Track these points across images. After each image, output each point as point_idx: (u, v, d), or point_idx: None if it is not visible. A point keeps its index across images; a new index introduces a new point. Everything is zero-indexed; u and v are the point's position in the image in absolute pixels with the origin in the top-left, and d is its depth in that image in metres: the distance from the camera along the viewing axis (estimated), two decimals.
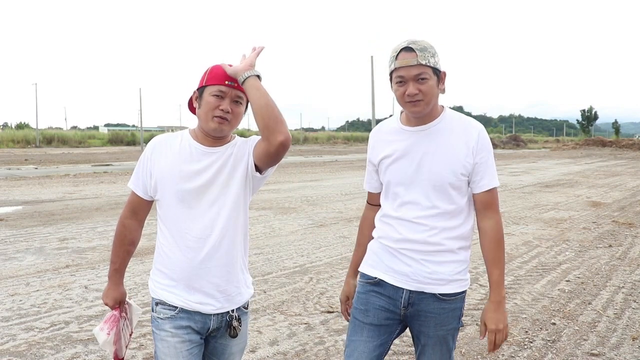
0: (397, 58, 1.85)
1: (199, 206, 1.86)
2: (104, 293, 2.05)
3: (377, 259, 1.99)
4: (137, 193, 1.92)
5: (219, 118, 1.82)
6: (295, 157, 31.87)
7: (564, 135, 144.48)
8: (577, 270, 5.72)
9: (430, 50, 1.83)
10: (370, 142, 2.08)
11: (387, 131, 2.02)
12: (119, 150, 42.70)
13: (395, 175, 1.95)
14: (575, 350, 3.63)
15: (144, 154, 1.93)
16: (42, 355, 3.49)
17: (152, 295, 1.93)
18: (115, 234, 1.99)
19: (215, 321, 1.90)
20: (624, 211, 10.02)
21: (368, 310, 1.98)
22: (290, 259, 6.21)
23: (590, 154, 37.76)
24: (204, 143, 1.89)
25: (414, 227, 1.91)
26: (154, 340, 1.90)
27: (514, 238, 7.43)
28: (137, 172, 1.93)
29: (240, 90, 1.84)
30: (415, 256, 1.90)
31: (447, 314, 1.94)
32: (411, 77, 1.83)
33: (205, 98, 1.84)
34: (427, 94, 1.83)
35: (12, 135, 53.21)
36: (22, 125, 79.81)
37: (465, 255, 1.97)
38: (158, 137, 1.95)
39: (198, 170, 1.86)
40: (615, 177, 17.76)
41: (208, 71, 1.87)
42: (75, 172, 18.86)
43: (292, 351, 3.60)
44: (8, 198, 11.60)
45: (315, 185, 14.90)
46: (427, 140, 1.91)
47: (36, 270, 5.64)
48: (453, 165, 1.87)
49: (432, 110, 1.90)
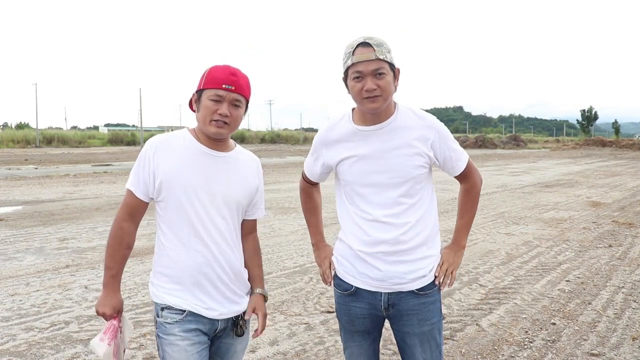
0: (353, 53, 1.83)
1: (208, 209, 1.84)
2: (99, 302, 1.90)
3: (350, 266, 1.99)
4: (137, 195, 1.86)
5: (217, 122, 1.81)
6: (295, 157, 31.87)
7: (564, 135, 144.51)
8: (577, 270, 5.72)
9: (386, 46, 1.83)
10: (321, 142, 2.03)
11: (342, 132, 1.98)
12: (119, 150, 42.71)
13: (358, 176, 1.94)
14: (575, 350, 3.63)
15: (144, 154, 1.87)
16: (42, 355, 3.49)
17: (156, 300, 1.88)
18: (110, 237, 1.89)
19: (222, 322, 1.90)
20: (624, 211, 10.02)
21: (352, 320, 2.04)
22: (290, 259, 6.21)
23: (590, 154, 37.76)
24: (208, 145, 1.88)
25: (383, 226, 1.91)
26: (161, 345, 1.86)
27: (514, 238, 7.43)
28: (137, 173, 1.86)
29: (239, 93, 1.82)
30: (388, 258, 1.92)
31: (428, 307, 1.96)
32: (369, 72, 1.81)
33: (204, 102, 1.82)
34: (385, 89, 1.83)
35: (12, 135, 53.21)
36: (22, 125, 79.85)
37: (437, 246, 2.02)
38: (158, 137, 1.90)
39: (206, 173, 1.85)
40: (615, 177, 17.77)
41: (206, 73, 1.84)
42: (75, 172, 18.86)
43: (292, 351, 3.60)
44: (8, 198, 11.59)
45: None
46: (384, 138, 1.91)
47: (36, 270, 5.64)
48: (414, 160, 1.89)
49: (388, 107, 1.90)
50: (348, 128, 1.97)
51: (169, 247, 1.86)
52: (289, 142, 70.46)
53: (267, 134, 72.89)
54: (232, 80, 1.81)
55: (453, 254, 2.05)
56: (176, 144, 1.87)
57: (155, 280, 1.91)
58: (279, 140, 69.96)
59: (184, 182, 1.82)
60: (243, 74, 1.87)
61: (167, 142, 1.88)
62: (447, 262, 2.01)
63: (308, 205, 2.29)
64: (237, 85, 1.81)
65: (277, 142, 68.45)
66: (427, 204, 1.97)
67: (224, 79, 1.80)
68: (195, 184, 1.83)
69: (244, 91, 1.85)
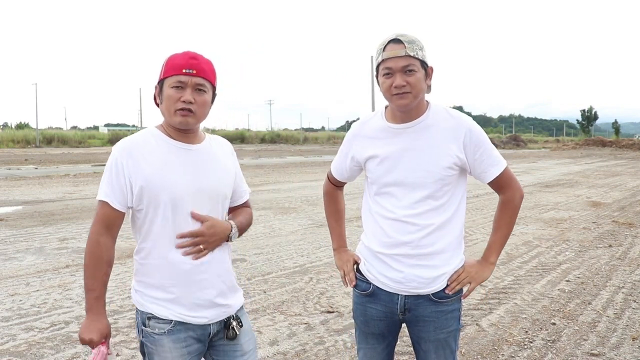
0: (384, 50, 1.81)
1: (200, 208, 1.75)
2: (84, 328, 1.70)
3: (370, 266, 1.97)
4: (113, 205, 1.69)
5: (181, 111, 1.68)
6: (295, 157, 31.87)
7: (564, 135, 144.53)
8: (577, 270, 5.72)
9: (418, 44, 1.80)
10: (353, 136, 2.02)
11: (373, 128, 1.96)
12: None
13: (384, 174, 1.90)
14: (575, 350, 3.63)
15: (114, 161, 1.71)
16: (42, 355, 3.49)
17: (141, 308, 1.77)
18: (88, 256, 1.71)
19: (215, 325, 1.82)
20: (624, 211, 10.02)
21: (368, 322, 2.00)
22: (290, 259, 6.21)
23: (590, 154, 37.75)
24: (181, 139, 1.77)
25: (404, 226, 1.87)
26: (148, 355, 1.76)
27: (514, 238, 7.42)
28: (110, 182, 1.70)
29: (202, 77, 1.70)
30: (408, 261, 1.87)
31: (445, 316, 1.92)
32: (399, 69, 1.79)
33: (166, 91, 1.70)
34: (415, 86, 1.79)
35: (12, 135, 53.25)
36: (22, 125, 79.84)
37: (459, 253, 1.95)
38: (125, 141, 1.75)
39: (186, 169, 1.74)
40: (615, 177, 17.76)
41: (165, 62, 1.73)
42: (75, 172, 18.86)
43: (292, 351, 3.59)
44: (8, 198, 11.59)
45: (316, 185, 14.88)
46: (414, 137, 1.87)
47: (36, 270, 5.64)
48: (442, 161, 1.84)
49: (419, 105, 1.86)
50: (379, 124, 1.94)
51: (152, 254, 1.75)
52: (289, 142, 70.47)
53: (267, 134, 72.92)
54: (193, 63, 1.69)
55: (478, 267, 1.95)
56: (148, 145, 1.73)
57: (138, 288, 1.79)
58: (279, 140, 69.97)
59: (167, 182, 1.70)
60: (205, 59, 1.75)
61: (137, 144, 1.73)
62: (467, 272, 1.92)
63: (331, 209, 2.23)
64: (198, 69, 1.69)
65: (277, 142, 68.46)
66: (454, 208, 1.90)
67: (183, 63, 1.68)
68: (178, 182, 1.71)
69: (207, 75, 1.73)
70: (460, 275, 1.91)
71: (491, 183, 1.93)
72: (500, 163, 1.90)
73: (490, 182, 1.92)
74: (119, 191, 1.70)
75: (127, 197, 1.71)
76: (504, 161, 1.92)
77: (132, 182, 1.69)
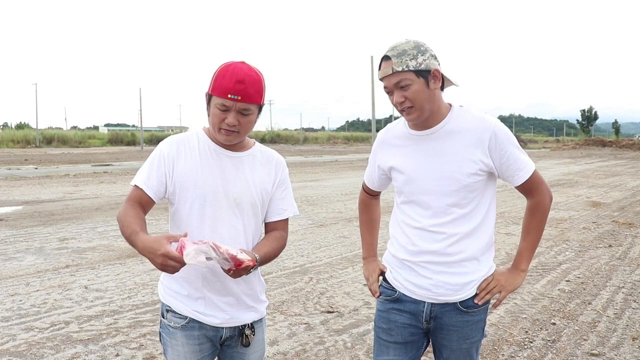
0: (379, 68, 1.79)
1: (220, 210, 1.79)
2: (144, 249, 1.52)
3: (396, 273, 1.93)
4: (147, 192, 1.74)
5: (225, 130, 1.74)
6: (295, 157, 31.87)
7: (564, 135, 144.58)
8: (577, 270, 5.72)
9: (410, 53, 1.72)
10: (378, 144, 2.01)
11: (396, 135, 1.93)
12: (118, 150, 42.70)
13: (407, 182, 1.87)
14: (575, 350, 3.63)
15: (159, 153, 1.79)
16: (42, 355, 3.49)
17: (162, 300, 1.86)
18: (119, 218, 1.67)
19: (228, 330, 1.85)
20: (624, 211, 10.02)
21: (391, 329, 1.92)
22: (290, 259, 6.20)
23: (590, 154, 37.76)
24: (222, 145, 1.82)
25: (430, 236, 1.83)
26: (164, 345, 1.86)
27: (514, 238, 7.42)
28: (150, 171, 1.77)
29: (246, 102, 1.71)
30: (435, 268, 1.83)
31: (471, 326, 1.87)
32: (393, 86, 1.75)
33: (212, 109, 1.74)
34: (414, 99, 1.73)
35: (12, 135, 53.27)
36: (22, 125, 79.84)
37: (488, 260, 1.89)
38: (174, 137, 1.84)
39: (220, 173, 1.80)
40: (615, 177, 17.76)
41: (214, 76, 1.73)
42: (75, 172, 18.87)
43: (292, 351, 3.59)
44: (8, 198, 11.60)
45: (315, 185, 14.89)
46: (436, 144, 1.81)
47: (36, 270, 5.64)
48: (466, 167, 1.78)
49: (435, 112, 1.80)
50: (402, 132, 1.91)
51: None
52: (289, 142, 70.50)
53: (267, 134, 72.90)
54: (239, 89, 1.68)
55: (508, 275, 1.88)
56: (192, 144, 1.82)
57: (163, 280, 1.88)
58: (279, 140, 69.96)
59: (198, 182, 1.77)
60: (253, 79, 1.71)
61: (183, 142, 1.82)
62: (497, 281, 1.85)
63: (365, 218, 2.19)
64: (244, 95, 1.68)
65: (277, 142, 68.43)
66: (482, 214, 1.84)
67: (230, 88, 1.67)
68: (209, 184, 1.77)
69: (253, 99, 1.72)
70: (490, 283, 1.85)
71: (519, 187, 1.86)
72: (527, 167, 1.82)
73: (518, 186, 1.86)
74: (156, 180, 1.77)
75: (161, 189, 1.78)
76: (532, 164, 1.84)
77: (171, 175, 1.78)
